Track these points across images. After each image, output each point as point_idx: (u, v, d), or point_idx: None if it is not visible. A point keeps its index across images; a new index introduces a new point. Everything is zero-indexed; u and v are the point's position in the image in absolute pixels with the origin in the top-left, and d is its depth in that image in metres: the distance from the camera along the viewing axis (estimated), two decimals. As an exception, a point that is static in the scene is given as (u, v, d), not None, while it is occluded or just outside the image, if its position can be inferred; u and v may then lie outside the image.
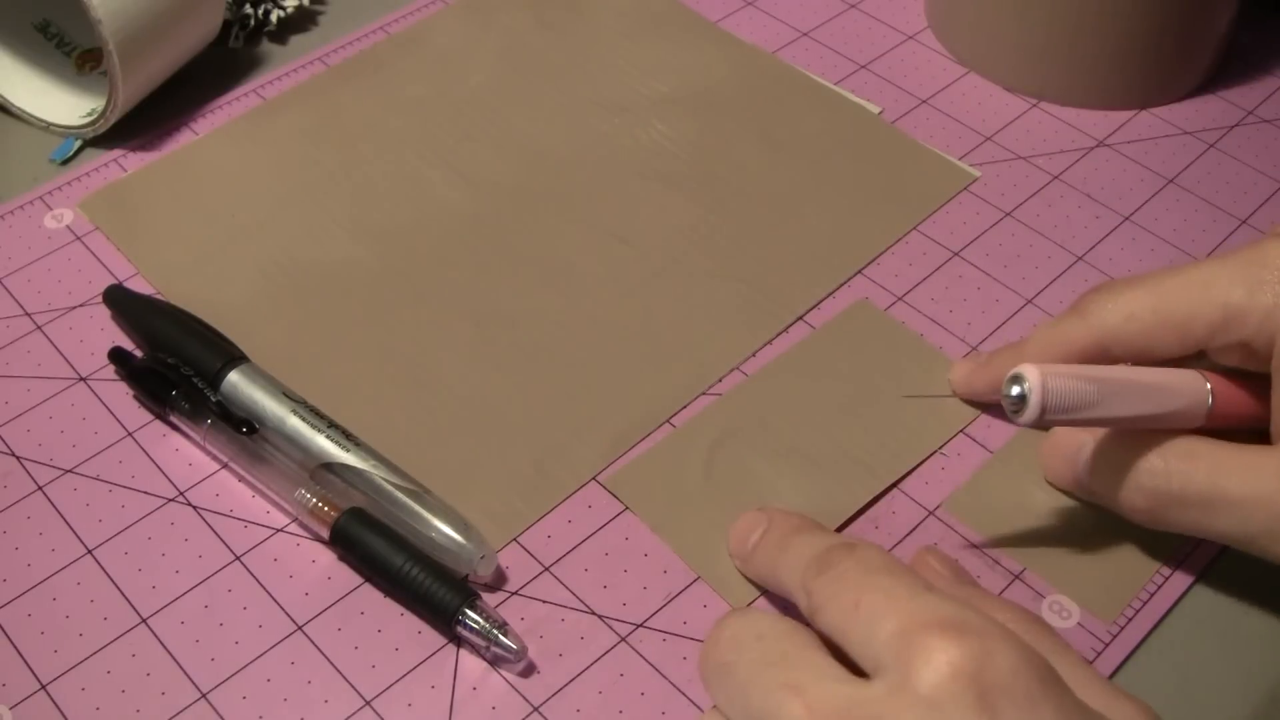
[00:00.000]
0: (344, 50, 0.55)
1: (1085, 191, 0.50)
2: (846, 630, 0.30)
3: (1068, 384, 0.34)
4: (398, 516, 0.38)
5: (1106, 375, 0.35)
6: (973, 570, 0.39)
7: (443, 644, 0.37)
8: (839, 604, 0.30)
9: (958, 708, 0.27)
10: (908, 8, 0.58)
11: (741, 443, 0.42)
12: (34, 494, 0.40)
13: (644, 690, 0.36)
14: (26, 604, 0.38)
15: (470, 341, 0.44)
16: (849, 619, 0.30)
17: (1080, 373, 0.35)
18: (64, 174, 0.50)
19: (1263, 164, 0.51)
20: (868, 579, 0.31)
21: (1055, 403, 0.34)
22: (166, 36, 0.50)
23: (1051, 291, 0.47)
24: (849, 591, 0.30)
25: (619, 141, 0.52)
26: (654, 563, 0.39)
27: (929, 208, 0.49)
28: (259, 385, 0.41)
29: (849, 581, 0.31)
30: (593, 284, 0.46)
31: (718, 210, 0.49)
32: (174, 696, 0.36)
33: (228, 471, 0.41)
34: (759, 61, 0.55)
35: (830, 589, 0.31)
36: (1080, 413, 0.34)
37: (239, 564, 0.39)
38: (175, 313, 0.44)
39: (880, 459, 0.41)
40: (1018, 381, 0.34)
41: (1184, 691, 0.37)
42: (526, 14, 0.57)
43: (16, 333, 0.45)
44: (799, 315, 0.46)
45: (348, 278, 0.46)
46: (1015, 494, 0.41)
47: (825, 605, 0.31)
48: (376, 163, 0.50)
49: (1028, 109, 0.54)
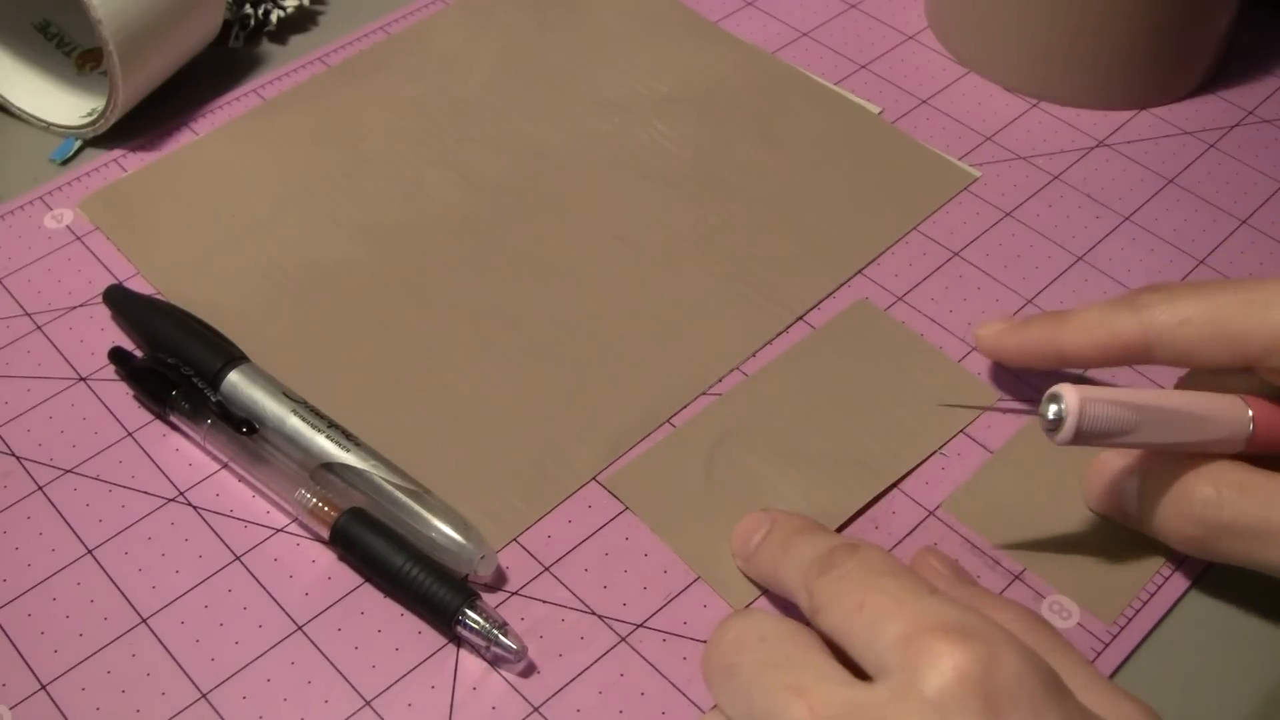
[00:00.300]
0: (344, 50, 0.55)
1: (1085, 191, 0.50)
2: (849, 632, 0.30)
3: (1106, 409, 0.34)
4: (398, 516, 0.38)
5: (1146, 402, 0.35)
6: (973, 570, 0.39)
7: (443, 644, 0.37)
8: (841, 605, 0.30)
9: (963, 712, 0.27)
10: (908, 8, 0.58)
11: (741, 443, 0.42)
12: (34, 494, 0.40)
13: (644, 690, 0.36)
14: (26, 604, 0.38)
15: (470, 341, 0.44)
16: (852, 620, 0.30)
17: (1119, 397, 0.34)
18: (64, 174, 0.50)
19: (1263, 164, 0.51)
20: (871, 580, 0.31)
21: (1091, 427, 0.34)
22: (166, 36, 0.50)
23: (1051, 291, 0.47)
24: (852, 592, 0.30)
25: (619, 141, 0.52)
26: (654, 563, 0.39)
27: (929, 208, 0.49)
28: (259, 385, 0.41)
29: (852, 582, 0.31)
30: (593, 284, 0.46)
31: (718, 210, 0.49)
32: (174, 696, 0.36)
33: (228, 471, 0.41)
34: (759, 61, 0.55)
35: (832, 589, 0.31)
36: (1117, 438, 0.34)
37: (239, 564, 0.39)
38: (175, 313, 0.44)
39: (880, 459, 0.41)
40: (1055, 401, 0.34)
41: (1184, 691, 0.37)
42: (526, 14, 0.57)
43: (16, 333, 0.45)
44: (799, 315, 0.46)
45: (348, 278, 0.46)
46: (1015, 494, 0.41)
47: (827, 605, 0.31)
48: (376, 163, 0.50)
49: (1028, 109, 0.54)
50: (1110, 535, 0.39)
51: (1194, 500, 0.36)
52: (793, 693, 0.29)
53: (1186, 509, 0.36)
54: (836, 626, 0.30)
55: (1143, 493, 0.38)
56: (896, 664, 0.28)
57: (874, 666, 0.29)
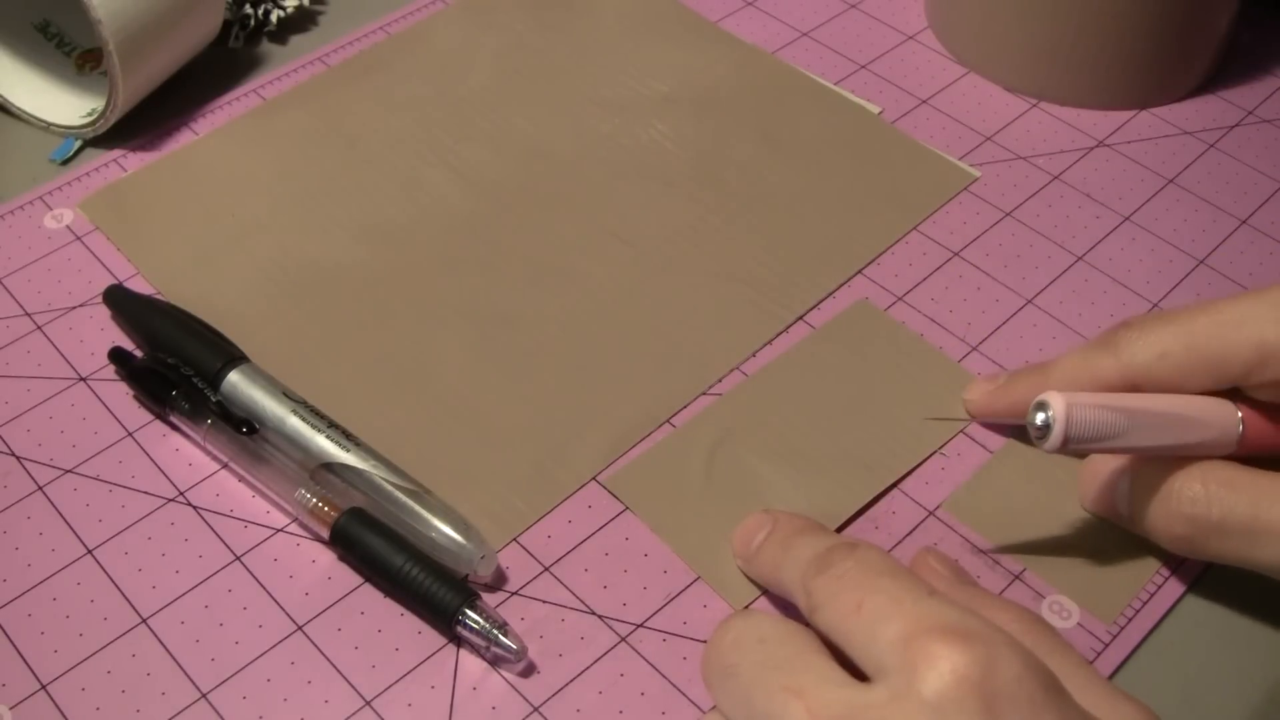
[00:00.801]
0: (344, 50, 0.55)
1: (1085, 191, 0.50)
2: (848, 631, 0.30)
3: (1094, 414, 0.34)
4: (398, 516, 0.38)
5: (1135, 405, 0.35)
6: (973, 570, 0.39)
7: (443, 644, 0.37)
8: (839, 604, 0.31)
9: (962, 714, 0.27)
10: (908, 8, 0.58)
11: (741, 443, 0.42)
12: (34, 494, 0.40)
13: (644, 690, 0.36)
14: (26, 604, 0.38)
15: (470, 341, 0.44)
16: (850, 620, 0.30)
17: (1107, 402, 0.34)
18: (64, 174, 0.50)
19: (1263, 164, 0.51)
20: (869, 580, 0.31)
21: (1079, 433, 0.34)
22: (166, 36, 0.50)
23: (1051, 291, 0.47)
24: (850, 592, 0.30)
25: (619, 141, 0.52)
26: (654, 563, 0.39)
27: (929, 208, 0.49)
28: (259, 385, 0.41)
29: (850, 581, 0.31)
30: (593, 284, 0.46)
31: (718, 210, 0.49)
32: (174, 696, 0.36)
33: (228, 471, 0.41)
34: (759, 61, 0.55)
35: (830, 589, 0.31)
36: (1106, 442, 0.35)
37: (239, 564, 0.39)
38: (175, 313, 0.44)
39: (880, 459, 0.41)
40: (1043, 409, 0.34)
41: (1184, 692, 0.37)
42: (526, 14, 0.57)
43: (16, 333, 0.45)
44: (799, 315, 0.46)
45: (348, 278, 0.46)
46: (1015, 494, 0.41)
47: (825, 604, 0.31)
48: (376, 163, 0.50)
49: (1028, 109, 0.54)
50: (1110, 535, 0.39)
51: (1183, 499, 0.36)
52: (791, 694, 0.29)
53: (1176, 508, 0.36)
54: (834, 626, 0.31)
55: (1134, 493, 0.38)
56: (895, 665, 0.28)
57: (872, 667, 0.29)
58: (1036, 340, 0.45)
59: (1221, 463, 0.36)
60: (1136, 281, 0.47)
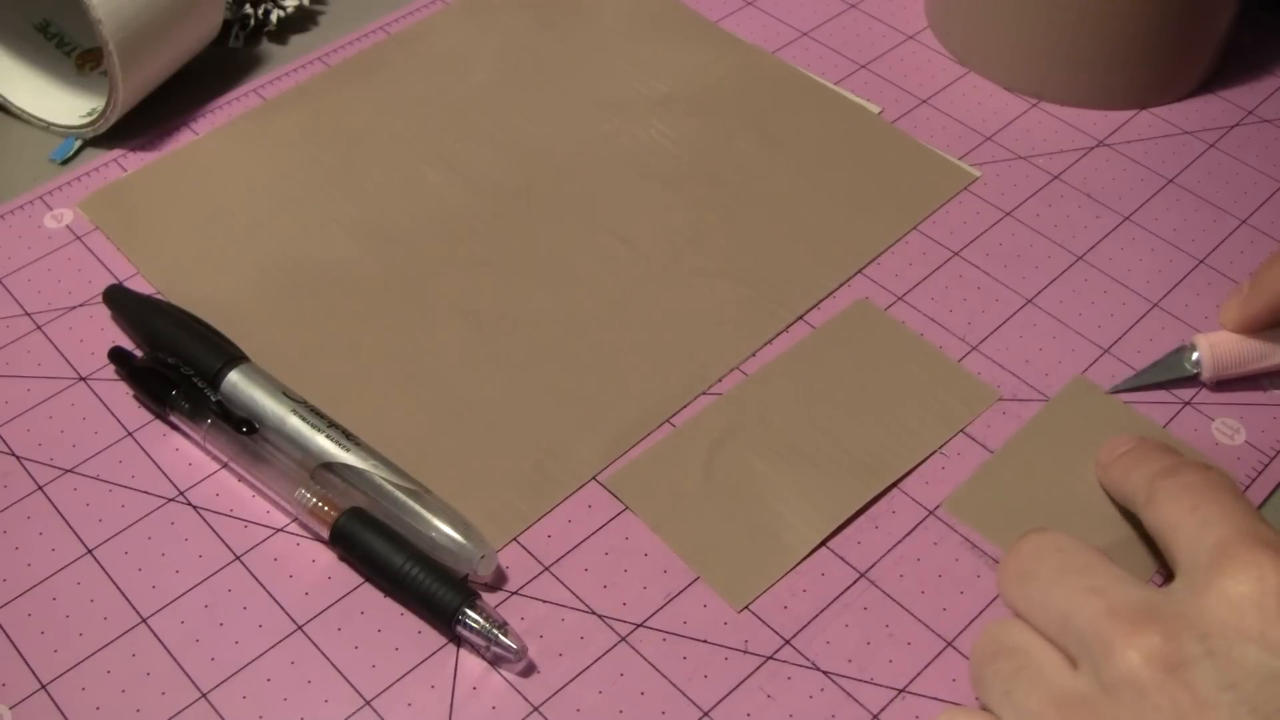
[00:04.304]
0: (344, 50, 0.55)
1: (1085, 191, 0.50)
2: (1176, 526, 0.33)
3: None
4: (398, 516, 0.38)
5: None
6: (972, 570, 0.39)
7: (443, 644, 0.37)
8: (1178, 503, 0.34)
9: (1259, 612, 0.30)
10: (908, 8, 0.58)
11: (741, 443, 0.42)
12: (34, 494, 0.40)
13: (644, 690, 0.36)
14: (26, 604, 0.38)
15: (470, 341, 0.44)
16: (1182, 516, 0.33)
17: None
18: (64, 174, 0.50)
19: (1263, 164, 0.51)
20: (1211, 493, 0.34)
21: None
22: (166, 36, 0.50)
23: (1051, 291, 0.47)
24: (1190, 496, 0.34)
25: (619, 141, 0.52)
26: (654, 563, 0.39)
27: (929, 207, 0.49)
28: (259, 385, 0.41)
29: (1194, 489, 0.34)
30: (593, 284, 0.46)
31: (717, 210, 0.49)
32: (174, 696, 0.36)
33: (228, 471, 0.41)
34: (759, 61, 0.55)
35: (1174, 489, 0.34)
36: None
37: (239, 564, 0.39)
38: (175, 313, 0.44)
39: (880, 459, 0.41)
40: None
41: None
42: (526, 14, 0.57)
43: (16, 333, 0.45)
44: (799, 315, 0.46)
45: (348, 277, 0.46)
46: (1015, 494, 0.41)
47: (1165, 501, 0.34)
48: (376, 162, 0.50)
49: (1028, 109, 0.54)
50: (1110, 534, 0.39)
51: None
52: (1092, 593, 0.31)
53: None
54: (1164, 520, 0.34)
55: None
56: (1207, 564, 0.31)
57: (1186, 563, 0.32)
58: (1036, 340, 0.45)
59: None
60: (1136, 281, 0.47)
